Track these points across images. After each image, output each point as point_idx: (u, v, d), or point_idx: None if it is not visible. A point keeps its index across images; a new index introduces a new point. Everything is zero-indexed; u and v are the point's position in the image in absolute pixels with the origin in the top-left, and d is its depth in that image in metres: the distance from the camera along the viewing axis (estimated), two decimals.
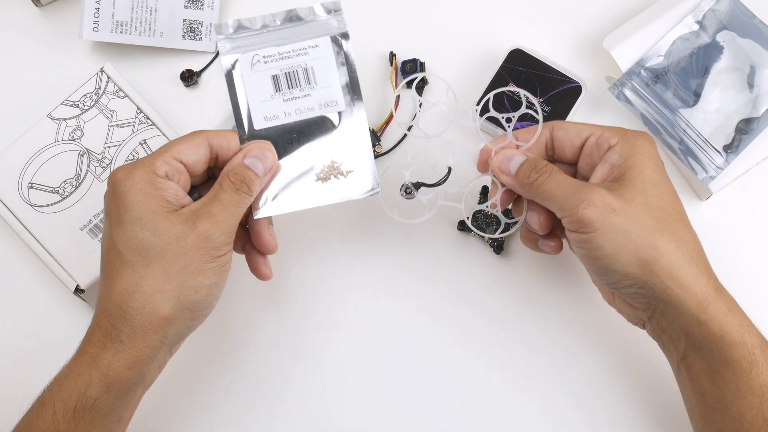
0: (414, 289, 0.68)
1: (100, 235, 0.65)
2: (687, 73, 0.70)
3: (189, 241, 0.52)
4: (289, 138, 0.59)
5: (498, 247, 0.68)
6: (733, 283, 0.56)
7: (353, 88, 0.60)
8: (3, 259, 0.69)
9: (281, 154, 0.58)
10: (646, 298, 0.55)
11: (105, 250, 0.54)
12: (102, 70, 0.69)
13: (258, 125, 0.59)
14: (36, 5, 0.76)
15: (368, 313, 0.67)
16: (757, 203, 0.70)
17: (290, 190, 0.58)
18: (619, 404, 0.64)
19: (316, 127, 0.59)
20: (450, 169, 0.61)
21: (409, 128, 0.62)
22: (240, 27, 0.60)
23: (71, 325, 0.67)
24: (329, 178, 0.59)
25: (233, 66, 0.59)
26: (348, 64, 0.60)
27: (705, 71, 0.70)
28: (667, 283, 0.53)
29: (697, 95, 0.69)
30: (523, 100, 0.61)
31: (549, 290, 0.67)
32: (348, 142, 0.59)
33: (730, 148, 0.68)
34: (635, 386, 0.64)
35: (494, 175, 0.59)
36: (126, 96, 0.69)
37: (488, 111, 0.61)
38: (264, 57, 0.59)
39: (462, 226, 0.69)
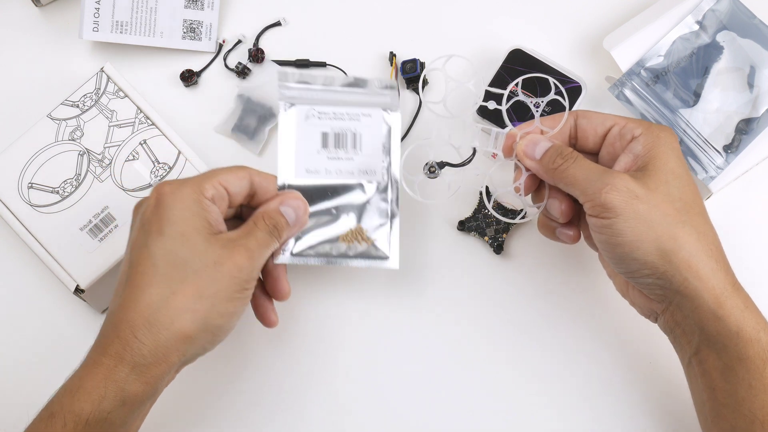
0: (413, 289, 0.68)
1: (101, 235, 0.65)
2: (687, 73, 0.70)
3: (225, 269, 0.53)
4: (323, 194, 0.60)
5: (498, 247, 0.68)
6: None
7: (392, 162, 0.61)
8: (3, 259, 0.69)
9: (313, 207, 0.59)
10: (663, 289, 0.54)
11: (136, 259, 0.53)
12: (102, 70, 0.69)
13: (299, 175, 0.60)
14: (36, 5, 0.76)
15: (368, 315, 0.67)
16: (757, 203, 0.70)
17: (314, 245, 0.59)
18: (623, 402, 0.64)
19: (351, 190, 0.60)
20: (475, 150, 0.62)
21: (420, 105, 0.62)
22: (302, 80, 0.61)
23: (71, 325, 0.67)
24: (352, 242, 0.60)
25: (287, 112, 0.61)
26: (391, 139, 0.62)
27: (705, 71, 0.70)
28: (685, 275, 0.53)
29: (697, 95, 0.69)
30: (552, 86, 0.61)
31: (549, 290, 0.67)
32: (377, 212, 0.61)
33: (730, 148, 0.68)
34: (640, 384, 0.64)
35: (519, 159, 0.60)
36: (126, 96, 0.69)
37: (516, 96, 0.62)
38: (319, 112, 0.61)
39: (462, 226, 0.69)
